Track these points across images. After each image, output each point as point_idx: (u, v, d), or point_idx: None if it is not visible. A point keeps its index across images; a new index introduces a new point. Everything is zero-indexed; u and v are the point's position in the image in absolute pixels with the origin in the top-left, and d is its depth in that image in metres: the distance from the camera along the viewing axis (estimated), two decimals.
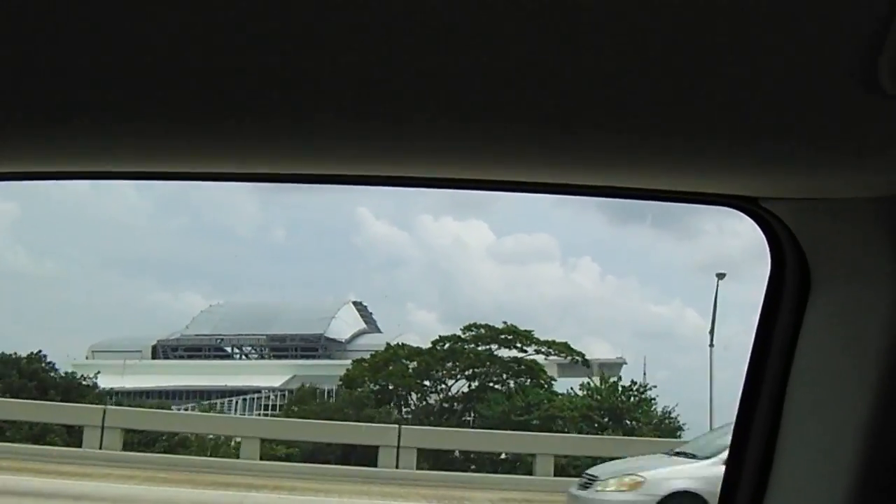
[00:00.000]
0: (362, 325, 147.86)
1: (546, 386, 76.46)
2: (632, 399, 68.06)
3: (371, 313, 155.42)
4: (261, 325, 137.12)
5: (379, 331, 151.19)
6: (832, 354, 2.72)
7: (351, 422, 44.86)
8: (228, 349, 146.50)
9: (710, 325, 48.00)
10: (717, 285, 47.69)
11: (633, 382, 68.98)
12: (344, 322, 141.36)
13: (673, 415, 63.88)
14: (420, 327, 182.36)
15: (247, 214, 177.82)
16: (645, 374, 74.76)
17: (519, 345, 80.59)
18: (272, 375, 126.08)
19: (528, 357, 79.88)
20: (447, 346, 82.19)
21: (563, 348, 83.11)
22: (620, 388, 68.32)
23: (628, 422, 64.55)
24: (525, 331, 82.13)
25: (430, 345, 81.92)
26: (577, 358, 78.95)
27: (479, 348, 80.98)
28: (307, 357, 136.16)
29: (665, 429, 62.40)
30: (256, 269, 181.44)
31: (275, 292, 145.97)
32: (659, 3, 1.70)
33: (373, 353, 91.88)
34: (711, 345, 49.68)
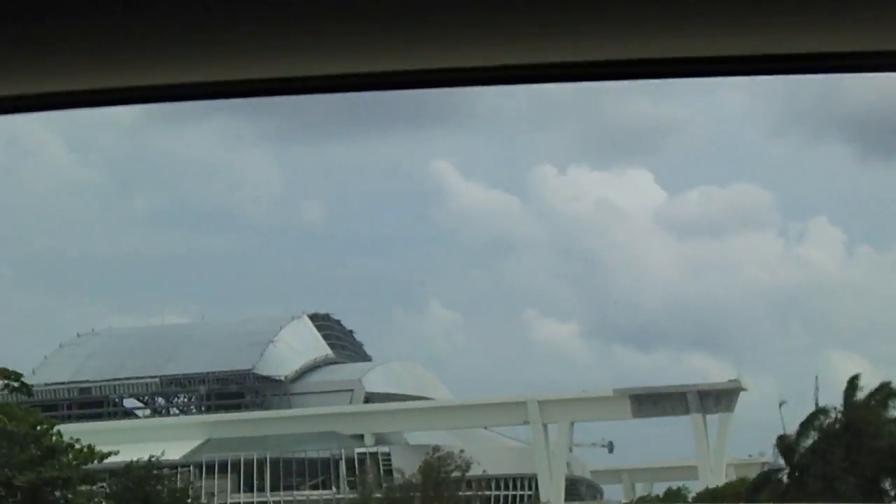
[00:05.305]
0: (325, 352, 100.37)
1: None
2: None
3: (350, 331, 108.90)
4: (155, 359, 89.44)
5: (365, 357, 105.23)
6: None
7: None
8: (102, 402, 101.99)
9: None
10: None
11: None
12: (289, 348, 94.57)
13: None
14: (552, 347, 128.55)
15: (260, 186, 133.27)
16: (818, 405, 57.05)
17: None
18: (172, 441, 79.80)
19: None
20: None
21: None
22: None
23: None
24: None
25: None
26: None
27: None
28: (228, 407, 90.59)
29: None
30: (264, 267, 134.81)
31: (296, 304, 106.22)
32: None
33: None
34: None
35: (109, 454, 64.32)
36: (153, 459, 66.73)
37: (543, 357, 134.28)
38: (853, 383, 54.40)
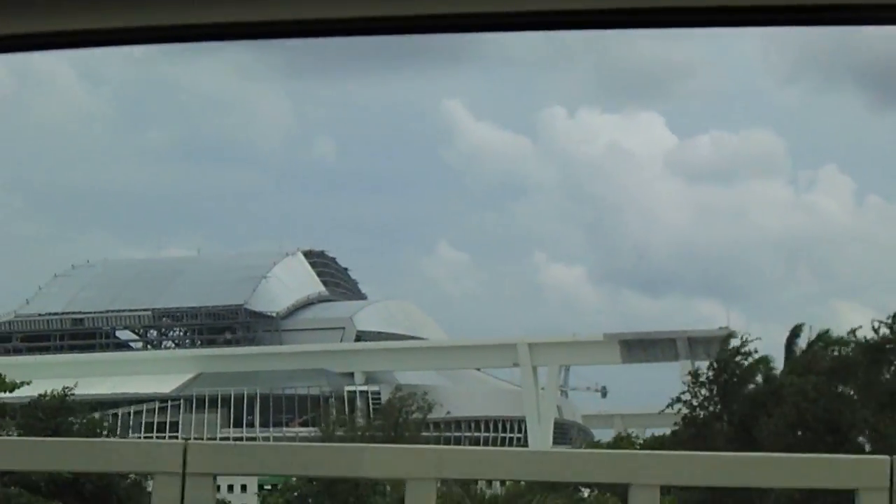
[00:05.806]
0: (319, 288, 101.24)
1: None
2: None
3: (345, 269, 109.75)
4: (148, 292, 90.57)
5: (359, 295, 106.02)
6: None
7: None
8: (95, 333, 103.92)
9: None
10: None
11: None
12: (282, 284, 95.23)
13: None
14: (561, 291, 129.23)
15: (270, 121, 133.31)
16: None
17: None
18: (164, 375, 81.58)
19: None
20: None
21: None
22: None
23: None
24: None
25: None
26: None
27: None
28: (219, 342, 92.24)
29: None
30: (272, 202, 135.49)
31: (304, 240, 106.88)
32: None
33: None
34: None
35: (21, 384, 63.13)
36: (66, 391, 66.62)
37: (551, 301, 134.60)
38: (796, 332, 54.63)
